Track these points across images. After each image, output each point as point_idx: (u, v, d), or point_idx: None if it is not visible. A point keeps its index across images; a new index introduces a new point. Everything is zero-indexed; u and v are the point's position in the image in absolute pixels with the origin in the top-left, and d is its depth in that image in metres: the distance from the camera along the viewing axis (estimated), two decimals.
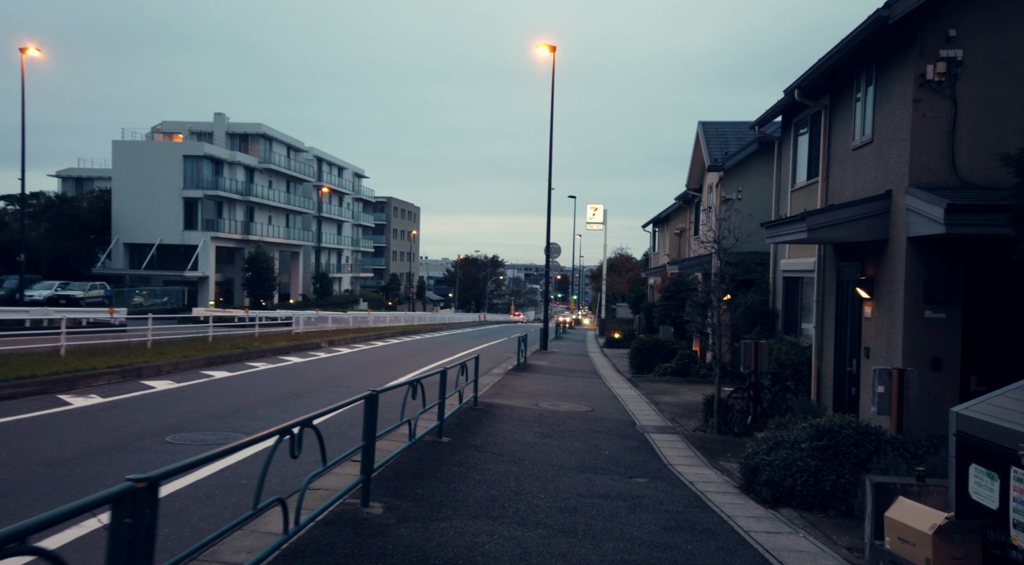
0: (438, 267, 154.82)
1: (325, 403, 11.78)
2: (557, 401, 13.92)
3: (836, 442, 6.94)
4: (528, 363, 21.72)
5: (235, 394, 12.46)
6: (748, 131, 22.09)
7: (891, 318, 9.12)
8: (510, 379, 17.36)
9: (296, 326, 28.03)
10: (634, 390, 16.70)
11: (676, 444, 10.50)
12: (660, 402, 14.66)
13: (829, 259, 11.68)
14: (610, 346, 34.07)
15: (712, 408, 12.01)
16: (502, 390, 15.03)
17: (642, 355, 21.12)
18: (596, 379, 19.08)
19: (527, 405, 13.01)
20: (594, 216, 64.04)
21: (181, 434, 8.78)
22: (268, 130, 63.39)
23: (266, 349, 20.17)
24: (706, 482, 8.18)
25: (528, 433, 10.21)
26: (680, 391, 16.52)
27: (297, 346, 22.49)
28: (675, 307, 24.18)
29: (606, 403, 14.22)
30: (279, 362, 18.57)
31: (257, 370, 16.38)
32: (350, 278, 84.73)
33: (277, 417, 10.27)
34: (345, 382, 15.00)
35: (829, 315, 11.56)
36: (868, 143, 10.13)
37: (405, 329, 38.01)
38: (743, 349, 11.79)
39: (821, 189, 11.88)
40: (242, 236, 59.38)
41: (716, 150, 21.05)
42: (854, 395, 10.30)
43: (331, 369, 17.54)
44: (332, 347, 24.71)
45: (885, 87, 9.62)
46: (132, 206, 54.86)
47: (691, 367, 19.49)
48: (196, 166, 55.76)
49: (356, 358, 21.14)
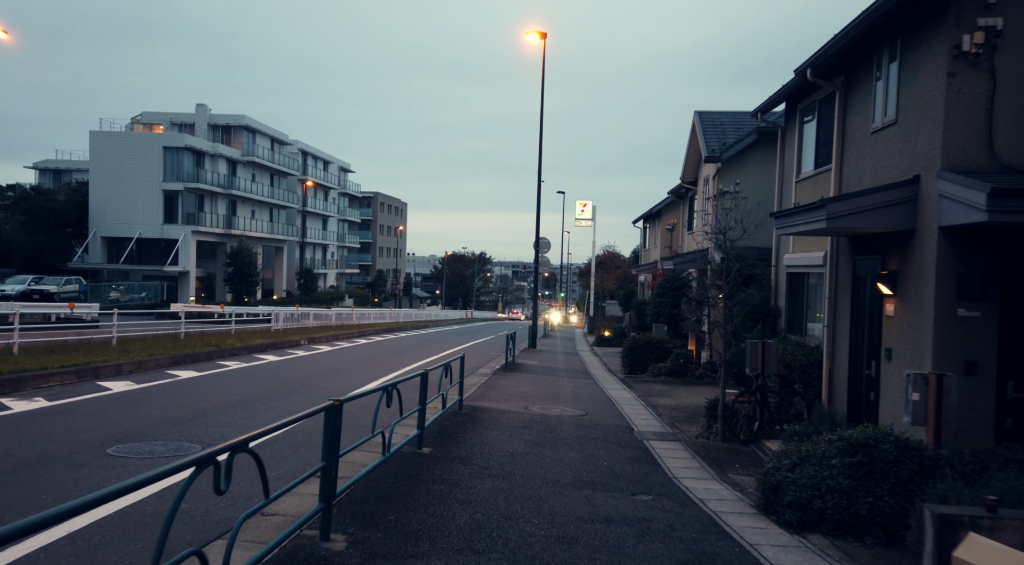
0: (425, 264, 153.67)
1: (296, 407, 10.81)
2: (548, 404, 13.00)
3: (872, 458, 6.06)
4: (516, 362, 20.79)
5: (199, 396, 11.46)
6: (747, 121, 21.25)
7: (918, 317, 8.25)
8: (498, 380, 16.43)
9: (275, 323, 26.98)
10: (629, 392, 15.81)
11: (679, 453, 9.61)
12: (657, 405, 13.78)
13: (843, 252, 10.82)
14: (600, 344, 33.21)
15: (715, 413, 11.14)
16: (489, 392, 14.10)
17: (635, 354, 20.25)
18: (588, 380, 18.19)
19: (516, 409, 12.08)
20: (583, 212, 63.32)
21: (127, 445, 7.79)
22: (251, 122, 62.07)
23: (240, 347, 19.14)
24: (718, 499, 7.28)
25: (518, 441, 9.29)
26: (677, 393, 15.64)
27: (275, 344, 21.46)
28: (669, 304, 23.34)
29: (600, 406, 13.32)
30: (253, 361, 17.55)
31: (228, 370, 15.36)
32: (335, 274, 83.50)
33: (240, 424, 9.29)
34: (321, 383, 14.02)
35: (843, 313, 10.70)
36: (891, 124, 9.26)
37: (389, 326, 37.00)
38: (749, 350, 10.92)
39: (835, 176, 11.01)
40: (224, 230, 58.07)
41: (713, 141, 20.19)
42: (872, 400, 9.44)
43: (308, 368, 16.55)
44: (312, 345, 23.68)
45: (912, 62, 8.75)
46: (110, 198, 53.46)
47: (687, 367, 18.63)
48: (176, 158, 54.39)
49: (336, 357, 20.14)
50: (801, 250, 13.48)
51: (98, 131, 54.49)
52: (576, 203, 63.38)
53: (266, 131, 64.90)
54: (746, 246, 18.34)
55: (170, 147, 54.26)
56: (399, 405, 6.86)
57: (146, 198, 53.76)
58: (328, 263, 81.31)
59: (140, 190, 53.66)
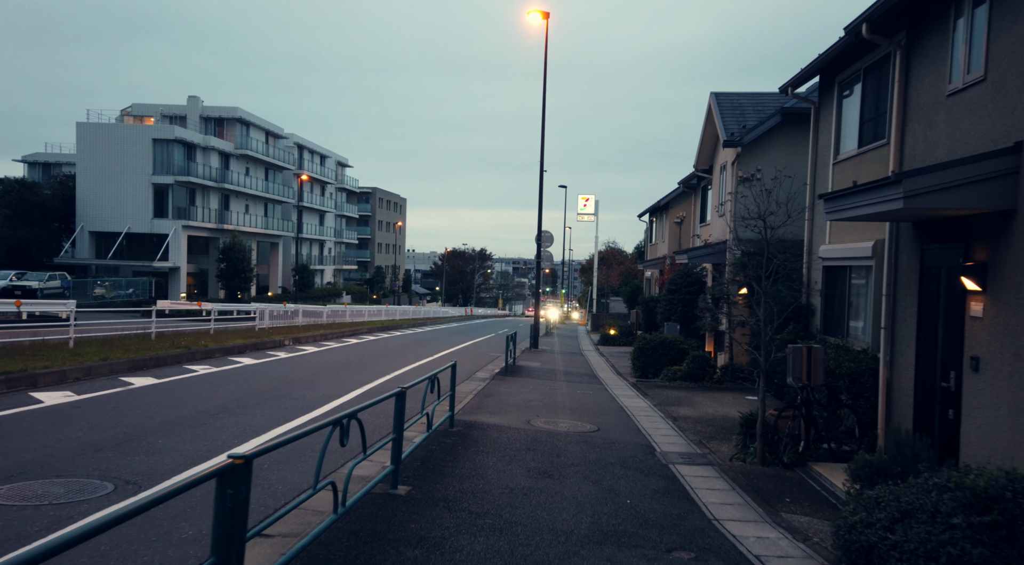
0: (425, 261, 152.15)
1: (257, 424, 9.13)
2: (554, 417, 11.32)
3: (1012, 519, 4.37)
4: (518, 365, 19.12)
5: (145, 411, 9.78)
6: (768, 103, 19.54)
7: (1020, 318, 6.57)
8: (497, 386, 14.75)
9: (260, 321, 25.29)
10: (643, 399, 14.13)
11: (715, 483, 7.93)
12: (678, 417, 12.09)
13: (906, 240, 9.11)
14: (605, 343, 31.52)
15: (752, 430, 9.47)
16: (487, 402, 12.42)
17: (647, 356, 18.55)
18: (596, 384, 16.50)
19: (517, 424, 10.40)
20: (585, 207, 61.67)
21: (16, 484, 6.09)
22: (245, 114, 60.32)
23: (214, 348, 17.46)
24: (780, 557, 5.60)
25: (520, 470, 7.61)
26: (697, 401, 13.95)
27: (255, 344, 19.78)
28: (682, 302, 21.66)
29: (613, 419, 11.64)
30: (227, 364, 15.87)
31: (193, 376, 13.69)
32: (333, 270, 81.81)
33: (180, 450, 7.61)
34: (296, 391, 12.34)
35: (907, 313, 9.00)
36: (977, 83, 7.56)
37: (384, 324, 35.31)
38: (791, 356, 9.25)
39: (894, 151, 9.30)
40: (216, 225, 56.36)
41: (732, 124, 18.47)
42: (951, 419, 7.75)
43: (285, 373, 14.87)
44: (297, 345, 22.00)
45: (1007, 2, 7.05)
46: (98, 192, 51.78)
47: (705, 371, 16.93)
48: (167, 151, 52.67)
49: (321, 358, 18.47)
50: (841, 240, 11.78)
51: (86, 123, 52.77)
52: (579, 198, 61.77)
53: (260, 124, 63.15)
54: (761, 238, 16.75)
55: (160, 139, 52.52)
56: (362, 440, 5.17)
57: (135, 192, 52.06)
58: (325, 259, 79.61)
59: (129, 183, 51.97)
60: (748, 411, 10.10)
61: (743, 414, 9.82)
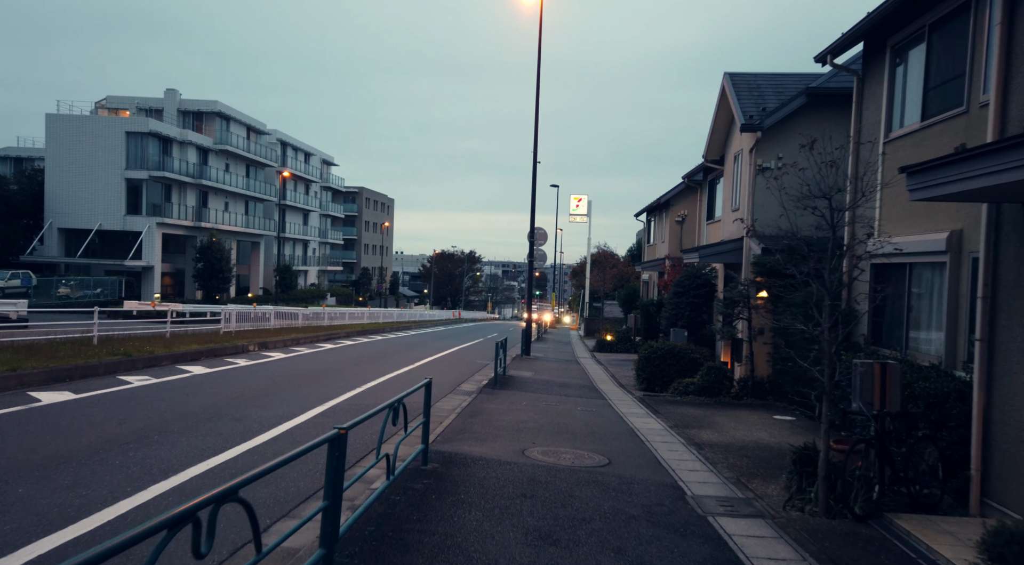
0: (414, 263, 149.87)
1: (172, 460, 7.00)
2: (554, 443, 9.24)
3: None
4: (508, 375, 17.04)
5: (35, 437, 7.63)
6: (789, 84, 17.58)
7: None
8: (485, 401, 12.67)
9: (226, 324, 23.07)
10: (655, 419, 12.07)
11: (777, 549, 5.86)
12: (702, 443, 10.04)
13: (1013, 227, 7.09)
14: (602, 350, 29.49)
15: (807, 468, 7.44)
16: (472, 423, 10.33)
17: (653, 366, 16.51)
18: (598, 399, 14.44)
19: (509, 455, 8.31)
20: (578, 207, 59.80)
21: None
22: (224, 108, 57.97)
23: (163, 356, 15.28)
24: None
25: (514, 533, 5.52)
26: (719, 422, 11.91)
27: (213, 350, 17.60)
28: (690, 305, 19.65)
29: (625, 446, 9.56)
30: (172, 374, 13.71)
31: (123, 389, 11.52)
32: (317, 271, 79.49)
33: (37, 508, 5.47)
34: (242, 410, 10.20)
35: (1014, 320, 6.97)
36: None
37: (365, 328, 33.11)
38: (859, 374, 7.23)
39: (994, 115, 7.28)
40: (194, 223, 54.02)
41: (750, 106, 16.49)
42: None
43: (237, 386, 12.73)
44: (263, 351, 19.83)
45: None
46: (68, 187, 49.34)
47: (722, 384, 14.90)
48: (141, 144, 50.29)
49: (286, 367, 16.32)
50: (899, 232, 9.78)
51: (55, 114, 50.31)
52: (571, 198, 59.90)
53: (241, 119, 60.83)
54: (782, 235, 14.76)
55: (134, 132, 50.17)
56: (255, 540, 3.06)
57: (107, 187, 49.66)
58: (309, 260, 77.27)
59: (101, 178, 49.57)
60: (799, 442, 8.07)
61: (794, 447, 7.77)
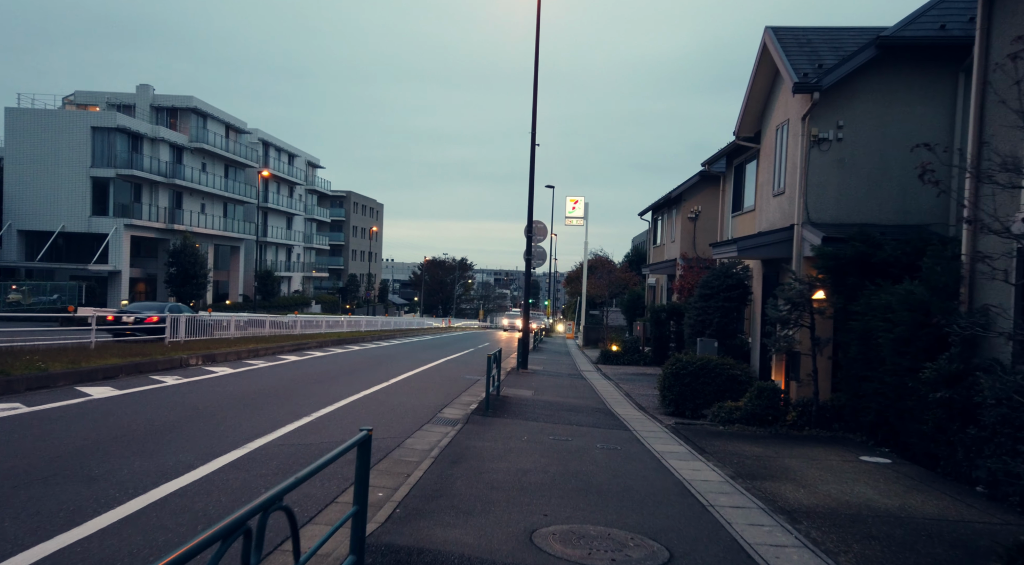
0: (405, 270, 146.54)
1: None
2: (575, 516, 5.95)
3: None
4: (503, 395, 13.77)
5: None
6: (847, 39, 14.42)
7: None
8: (472, 436, 9.37)
9: (172, 334, 19.68)
10: (705, 464, 8.78)
11: None
12: (790, 508, 6.76)
13: None
14: (607, 362, 26.22)
15: None
16: (452, 477, 7.03)
17: (683, 385, 13.28)
18: (619, 430, 11.16)
19: (508, 551, 5.02)
20: (574, 210, 56.50)
21: None
22: (201, 105, 54.62)
23: (61, 373, 11.96)
24: None
25: None
26: (794, 467, 8.64)
27: (139, 365, 14.27)
28: (719, 311, 16.42)
29: (681, 518, 6.27)
30: (56, 400, 10.39)
31: None
32: (301, 278, 76.04)
33: None
34: (106, 463, 6.90)
35: None
36: None
37: (341, 337, 29.73)
38: None
39: None
40: (166, 225, 50.64)
41: (803, 63, 13.33)
42: None
43: (131, 419, 9.40)
44: (207, 365, 16.49)
45: None
46: (29, 186, 45.92)
47: (776, 410, 11.66)
48: (108, 140, 46.93)
49: (223, 387, 13.00)
50: None
51: (15, 108, 46.90)
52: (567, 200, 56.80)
53: (220, 116, 57.47)
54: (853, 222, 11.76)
55: (100, 128, 46.79)
56: None
57: (71, 186, 46.26)
58: (293, 266, 73.85)
59: (64, 177, 46.18)
60: (935, 506, 4.85)
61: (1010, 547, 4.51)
